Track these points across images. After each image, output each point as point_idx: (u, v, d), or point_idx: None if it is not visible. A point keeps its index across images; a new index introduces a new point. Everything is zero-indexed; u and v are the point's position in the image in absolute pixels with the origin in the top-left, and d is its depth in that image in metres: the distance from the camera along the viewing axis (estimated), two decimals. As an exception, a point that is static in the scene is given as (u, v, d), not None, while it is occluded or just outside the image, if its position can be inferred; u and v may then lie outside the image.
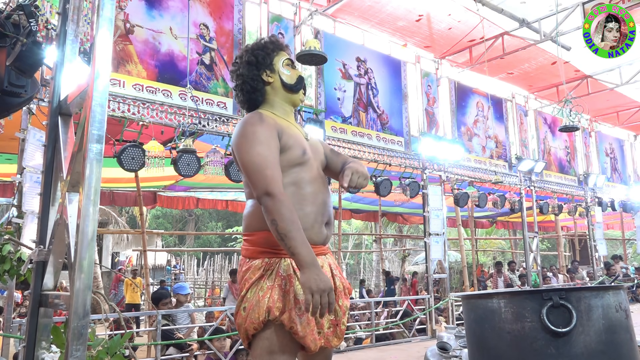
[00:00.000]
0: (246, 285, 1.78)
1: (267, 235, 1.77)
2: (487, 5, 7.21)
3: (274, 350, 1.73)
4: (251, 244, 1.84)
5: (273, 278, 1.77)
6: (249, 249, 1.84)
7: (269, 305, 1.72)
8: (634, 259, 20.23)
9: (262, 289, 1.75)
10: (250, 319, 1.73)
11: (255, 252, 1.82)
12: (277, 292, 1.74)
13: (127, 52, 5.37)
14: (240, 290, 1.81)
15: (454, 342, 3.54)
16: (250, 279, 1.78)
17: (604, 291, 2.09)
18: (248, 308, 1.75)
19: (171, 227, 23.20)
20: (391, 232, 18.58)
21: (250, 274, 1.79)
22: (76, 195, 1.86)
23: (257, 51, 1.98)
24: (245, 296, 1.77)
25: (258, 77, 1.96)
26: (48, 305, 1.98)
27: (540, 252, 11.10)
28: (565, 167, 11.40)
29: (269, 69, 1.97)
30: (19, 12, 2.56)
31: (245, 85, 1.96)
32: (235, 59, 2.03)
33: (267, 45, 2.00)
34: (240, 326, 1.78)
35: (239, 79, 1.98)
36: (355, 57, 7.58)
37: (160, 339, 5.23)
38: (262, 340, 1.74)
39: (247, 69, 1.96)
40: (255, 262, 1.80)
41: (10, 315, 4.47)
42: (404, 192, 7.94)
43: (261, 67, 1.96)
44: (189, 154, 5.52)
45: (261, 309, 1.72)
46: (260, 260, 1.80)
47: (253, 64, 1.96)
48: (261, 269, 1.78)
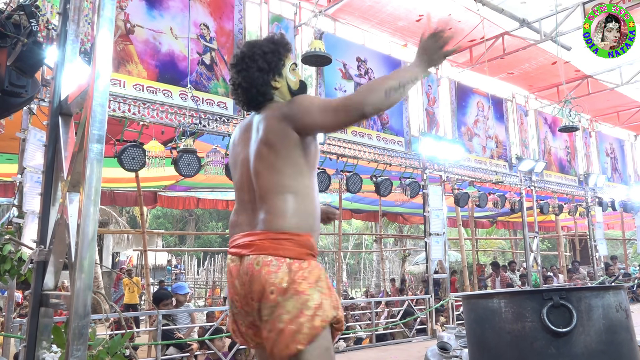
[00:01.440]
0: (305, 286, 1.70)
1: (311, 238, 1.79)
2: (488, 5, 7.21)
3: (329, 346, 1.74)
4: (297, 244, 1.75)
5: (325, 278, 1.78)
6: (295, 250, 1.74)
7: (335, 304, 1.75)
8: (634, 259, 20.21)
9: (323, 289, 1.74)
10: (322, 318, 1.69)
11: (302, 254, 1.75)
12: (334, 291, 1.79)
13: (128, 52, 5.37)
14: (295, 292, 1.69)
15: (454, 342, 3.54)
16: (307, 278, 1.72)
17: (605, 291, 2.10)
18: (315, 307, 1.69)
19: (172, 227, 23.19)
20: (391, 232, 18.58)
21: (307, 274, 1.73)
22: (77, 195, 1.86)
23: (270, 56, 1.91)
24: (310, 295, 1.70)
25: (268, 82, 1.91)
26: (49, 305, 1.98)
27: (540, 252, 11.10)
28: (565, 167, 11.40)
29: (277, 75, 1.93)
30: (20, 12, 2.56)
31: (252, 90, 1.90)
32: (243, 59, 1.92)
33: (280, 50, 1.94)
34: (302, 326, 1.66)
35: (245, 81, 1.90)
36: (356, 57, 7.58)
37: (160, 338, 5.23)
38: (321, 339, 1.71)
39: (257, 74, 1.89)
40: (306, 263, 1.74)
41: (10, 315, 4.47)
42: (404, 192, 7.94)
43: (270, 74, 1.91)
44: (189, 154, 5.52)
45: (329, 308, 1.72)
46: (312, 262, 1.77)
47: (265, 71, 1.90)
48: (318, 270, 1.76)
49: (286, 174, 1.79)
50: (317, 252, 1.84)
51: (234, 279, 1.81)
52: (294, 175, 1.80)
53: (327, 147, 6.83)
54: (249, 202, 1.86)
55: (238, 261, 1.81)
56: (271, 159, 1.79)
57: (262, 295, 1.72)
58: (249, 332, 1.85)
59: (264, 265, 1.72)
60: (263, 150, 1.81)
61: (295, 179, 1.79)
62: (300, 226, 1.76)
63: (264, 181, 1.80)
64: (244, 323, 1.85)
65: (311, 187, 1.84)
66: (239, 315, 1.86)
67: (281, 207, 1.76)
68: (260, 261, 1.73)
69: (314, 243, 1.80)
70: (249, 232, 1.82)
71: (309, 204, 1.81)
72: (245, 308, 1.81)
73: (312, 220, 1.81)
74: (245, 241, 1.80)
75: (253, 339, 1.86)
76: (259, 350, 1.91)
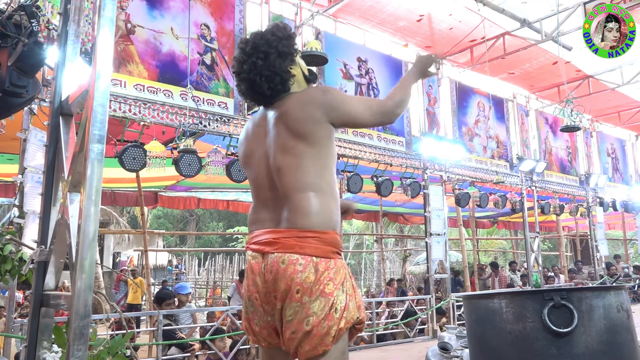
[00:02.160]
0: (331, 287, 1.68)
1: (337, 236, 1.76)
2: (488, 5, 7.21)
3: (345, 350, 1.73)
4: (323, 242, 1.71)
5: (349, 278, 1.77)
6: (321, 248, 1.70)
7: (359, 304, 1.75)
8: (635, 259, 20.20)
9: (349, 289, 1.73)
10: (346, 319, 1.68)
11: (328, 252, 1.72)
12: (359, 291, 1.79)
13: (128, 52, 5.37)
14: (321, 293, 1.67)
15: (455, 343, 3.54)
16: (334, 279, 1.70)
17: (606, 291, 2.09)
18: (342, 309, 1.68)
19: (172, 227, 23.21)
20: (392, 232, 18.58)
21: (333, 274, 1.70)
22: (77, 196, 1.87)
23: (286, 41, 1.86)
24: (337, 297, 1.68)
25: (287, 69, 1.86)
26: (49, 305, 1.98)
27: (541, 252, 11.09)
28: (566, 167, 11.39)
29: (293, 62, 1.89)
30: (21, 12, 2.56)
31: (275, 77, 1.83)
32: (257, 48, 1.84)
33: (292, 36, 1.91)
34: (330, 328, 1.65)
35: (268, 69, 1.82)
36: (356, 57, 7.57)
37: (162, 339, 5.23)
38: (341, 342, 1.70)
39: (279, 60, 1.83)
40: (332, 262, 1.72)
41: (11, 315, 4.47)
42: (405, 192, 7.94)
43: (289, 59, 1.87)
44: (190, 154, 5.52)
45: (353, 308, 1.71)
46: (337, 261, 1.74)
47: (285, 55, 1.85)
48: (344, 270, 1.75)
49: (310, 170, 1.74)
50: (342, 249, 1.81)
51: (255, 276, 1.76)
52: (318, 171, 1.75)
53: (327, 147, 6.82)
54: (270, 200, 1.81)
55: (260, 258, 1.75)
56: (298, 152, 1.75)
57: (287, 295, 1.68)
58: (263, 332, 1.81)
59: (290, 263, 1.68)
60: (289, 143, 1.76)
61: (318, 176, 1.75)
62: (325, 223, 1.73)
63: (287, 178, 1.75)
64: (259, 323, 1.81)
65: (333, 184, 1.81)
66: (255, 313, 1.81)
67: (305, 205, 1.72)
68: (286, 259, 1.68)
69: (339, 240, 1.78)
70: (271, 229, 1.76)
71: (332, 200, 1.77)
72: (264, 307, 1.77)
73: (336, 217, 1.78)
74: (268, 238, 1.75)
75: (266, 339, 1.82)
76: (270, 351, 1.86)
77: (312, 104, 1.77)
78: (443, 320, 8.01)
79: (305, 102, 1.78)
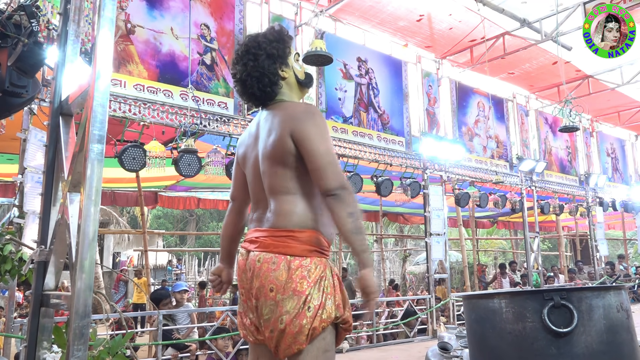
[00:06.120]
0: (305, 285, 1.70)
1: (317, 234, 1.78)
2: (488, 5, 7.21)
3: (329, 348, 1.73)
4: (299, 241, 1.75)
5: (331, 276, 1.78)
6: (297, 247, 1.74)
7: (339, 303, 1.75)
8: (635, 259, 20.20)
9: (327, 288, 1.74)
10: (320, 318, 1.69)
11: (304, 251, 1.74)
12: (340, 290, 1.79)
13: (128, 52, 5.37)
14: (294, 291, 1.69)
15: (455, 342, 3.54)
16: (307, 277, 1.71)
17: (605, 291, 2.09)
18: (316, 307, 1.69)
19: (172, 227, 23.19)
20: (392, 232, 18.57)
21: (307, 272, 1.72)
22: (77, 196, 1.87)
23: (276, 44, 1.90)
24: (310, 295, 1.70)
25: (277, 72, 1.90)
26: (49, 305, 1.98)
27: (541, 252, 11.09)
28: (566, 167, 11.39)
29: (284, 65, 1.92)
30: (20, 12, 2.56)
31: (264, 79, 1.87)
32: (249, 50, 1.90)
33: (285, 39, 1.94)
34: (302, 327, 1.67)
35: (256, 70, 1.87)
36: (356, 57, 7.57)
37: (161, 339, 5.23)
38: (320, 340, 1.71)
39: (268, 62, 1.87)
40: (307, 260, 1.73)
41: (11, 315, 4.47)
42: (404, 192, 7.94)
43: (278, 61, 1.90)
44: (190, 154, 5.52)
45: (331, 307, 1.72)
46: (315, 260, 1.75)
47: (274, 57, 1.89)
48: (320, 268, 1.75)
49: (292, 175, 1.80)
50: (327, 248, 1.82)
51: (241, 273, 1.84)
52: (300, 176, 1.80)
53: (327, 147, 6.82)
54: (261, 201, 1.89)
55: (246, 255, 1.84)
56: (280, 160, 1.81)
57: (262, 292, 1.73)
58: (251, 327, 1.86)
59: (265, 262, 1.74)
60: (272, 152, 1.82)
61: (300, 180, 1.80)
62: (302, 223, 1.77)
63: (270, 182, 1.83)
64: (249, 318, 1.87)
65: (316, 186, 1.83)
66: (242, 307, 1.89)
67: (284, 206, 1.79)
68: (262, 258, 1.75)
69: (321, 239, 1.79)
70: (257, 228, 1.85)
71: (312, 201, 1.81)
72: (248, 303, 1.83)
73: (318, 217, 1.80)
74: (252, 237, 1.84)
75: (254, 334, 1.85)
76: (257, 347, 1.89)
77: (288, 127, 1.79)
78: (443, 320, 8.01)
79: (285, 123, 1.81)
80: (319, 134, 1.77)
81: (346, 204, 1.71)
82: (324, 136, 1.78)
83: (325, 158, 1.74)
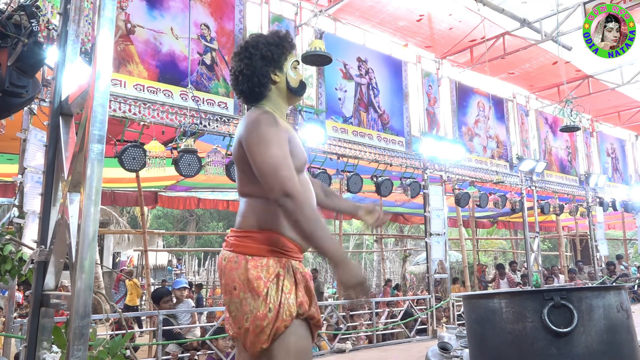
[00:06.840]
0: (262, 285, 1.73)
1: (277, 235, 1.81)
2: (488, 5, 7.21)
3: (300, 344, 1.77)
4: (257, 241, 1.80)
5: (292, 275, 1.80)
6: (254, 247, 1.79)
7: (300, 300, 1.77)
8: (635, 259, 20.20)
9: (286, 287, 1.76)
10: (281, 318, 1.71)
11: (262, 251, 1.78)
12: (302, 288, 1.81)
13: (128, 52, 5.37)
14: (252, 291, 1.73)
15: (455, 342, 3.54)
16: (262, 277, 1.74)
17: (605, 291, 2.09)
18: (275, 307, 1.72)
19: (172, 227, 23.19)
20: (392, 232, 18.57)
21: (262, 272, 1.75)
22: (77, 196, 1.87)
23: (274, 48, 1.94)
24: (269, 296, 1.72)
25: (268, 74, 1.93)
26: (49, 305, 1.98)
27: (541, 252, 11.09)
28: (566, 167, 11.39)
29: (278, 69, 1.95)
30: (20, 12, 2.56)
31: (253, 78, 1.91)
32: (247, 47, 1.94)
33: (284, 45, 1.97)
34: (264, 328, 1.70)
35: (248, 69, 1.91)
36: (356, 57, 7.57)
37: (161, 338, 5.23)
38: (288, 336, 1.73)
39: (260, 63, 1.91)
40: (264, 260, 1.77)
41: (11, 315, 4.47)
42: (404, 192, 7.94)
43: (272, 65, 1.93)
44: (190, 154, 5.52)
45: (292, 305, 1.74)
46: (272, 259, 1.78)
47: (267, 60, 1.92)
48: (277, 267, 1.77)
49: (249, 181, 1.86)
50: (290, 249, 1.83)
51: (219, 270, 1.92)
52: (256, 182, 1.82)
53: (327, 147, 6.84)
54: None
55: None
56: (238, 167, 1.91)
57: (227, 290, 1.80)
58: (230, 321, 1.90)
59: (229, 261, 1.82)
60: (233, 158, 1.94)
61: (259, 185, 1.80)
62: (261, 224, 1.82)
63: (238, 185, 1.94)
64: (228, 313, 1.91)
65: None
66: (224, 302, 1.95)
67: (246, 208, 1.88)
68: (227, 257, 1.84)
69: (283, 240, 1.82)
70: (232, 228, 1.94)
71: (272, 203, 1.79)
72: (224, 299, 1.89)
73: (279, 220, 1.81)
74: (227, 236, 1.93)
75: (233, 328, 1.88)
76: (236, 341, 1.94)
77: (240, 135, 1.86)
78: (443, 320, 8.01)
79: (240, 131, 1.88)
80: (259, 143, 1.76)
81: (290, 212, 1.70)
82: (267, 145, 1.75)
83: (264, 168, 1.74)
